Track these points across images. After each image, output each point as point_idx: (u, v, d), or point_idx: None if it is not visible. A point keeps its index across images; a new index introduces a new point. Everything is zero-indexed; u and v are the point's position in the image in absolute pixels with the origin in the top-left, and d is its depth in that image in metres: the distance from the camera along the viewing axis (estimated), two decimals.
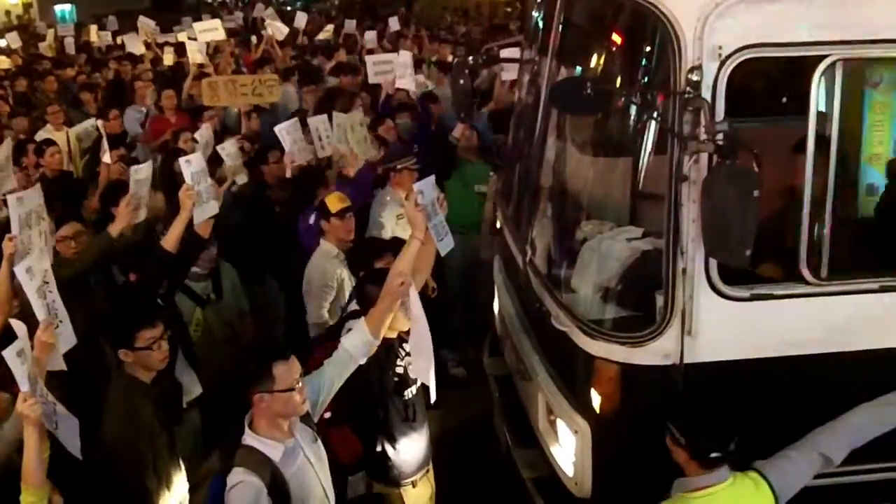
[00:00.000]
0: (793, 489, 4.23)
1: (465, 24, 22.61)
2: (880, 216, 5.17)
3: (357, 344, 4.50)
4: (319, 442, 4.29)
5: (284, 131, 8.28)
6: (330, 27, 18.76)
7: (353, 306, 5.33)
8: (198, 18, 17.33)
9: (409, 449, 5.00)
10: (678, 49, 4.24)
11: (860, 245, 4.89)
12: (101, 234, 6.46)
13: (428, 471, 5.23)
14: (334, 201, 6.73)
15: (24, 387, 4.10)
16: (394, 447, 4.95)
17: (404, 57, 11.05)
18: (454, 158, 9.08)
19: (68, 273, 5.75)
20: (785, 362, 4.60)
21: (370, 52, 14.08)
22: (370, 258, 5.70)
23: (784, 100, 5.21)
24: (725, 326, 4.57)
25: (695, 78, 4.16)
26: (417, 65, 12.12)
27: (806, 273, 4.54)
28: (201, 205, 6.12)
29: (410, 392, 5.00)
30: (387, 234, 7.35)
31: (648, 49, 4.58)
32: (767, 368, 4.62)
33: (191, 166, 6.10)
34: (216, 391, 6.01)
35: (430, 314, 4.70)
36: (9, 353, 4.12)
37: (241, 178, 8.20)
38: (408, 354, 4.91)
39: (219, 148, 8.17)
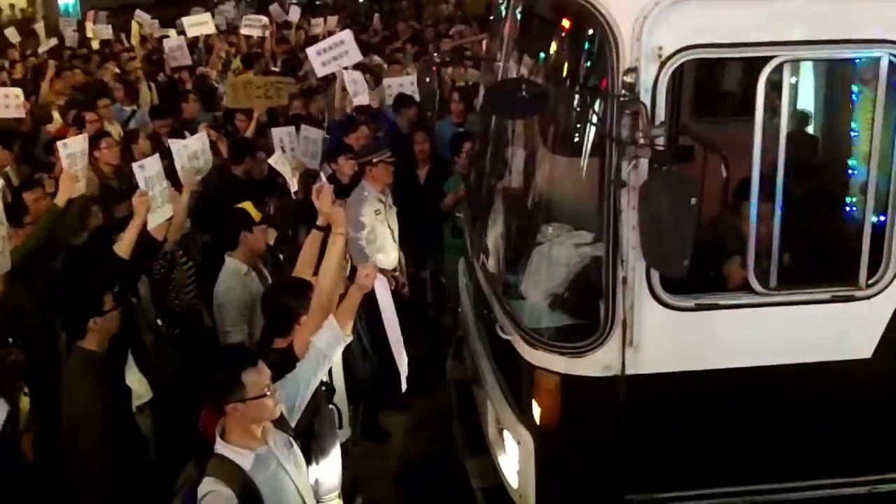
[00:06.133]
0: None
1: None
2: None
3: (330, 342, 4.41)
4: (296, 447, 4.20)
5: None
6: (321, 21, 18.07)
7: None
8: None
9: (335, 462, 4.84)
10: (616, 50, 4.06)
11: (811, 253, 4.72)
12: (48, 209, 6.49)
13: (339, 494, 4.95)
14: (254, 208, 6.08)
15: None
16: (325, 458, 4.78)
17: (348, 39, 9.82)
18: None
19: (21, 254, 5.97)
20: (731, 374, 4.45)
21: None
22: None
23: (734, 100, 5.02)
24: (669, 337, 4.42)
25: (630, 80, 3.99)
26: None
27: (754, 282, 4.39)
28: (155, 209, 5.98)
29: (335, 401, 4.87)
30: (367, 231, 7.19)
31: (587, 50, 4.41)
32: (713, 381, 4.46)
33: (144, 171, 5.96)
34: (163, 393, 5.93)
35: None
36: None
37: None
38: None
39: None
